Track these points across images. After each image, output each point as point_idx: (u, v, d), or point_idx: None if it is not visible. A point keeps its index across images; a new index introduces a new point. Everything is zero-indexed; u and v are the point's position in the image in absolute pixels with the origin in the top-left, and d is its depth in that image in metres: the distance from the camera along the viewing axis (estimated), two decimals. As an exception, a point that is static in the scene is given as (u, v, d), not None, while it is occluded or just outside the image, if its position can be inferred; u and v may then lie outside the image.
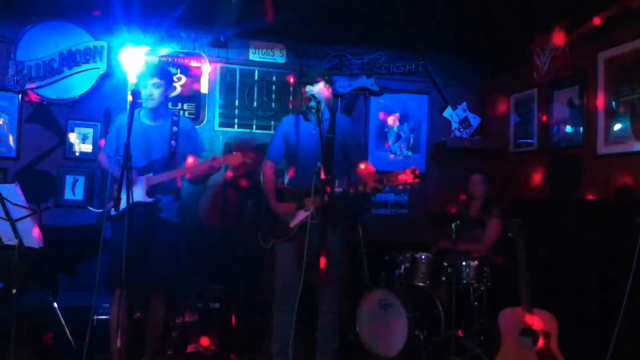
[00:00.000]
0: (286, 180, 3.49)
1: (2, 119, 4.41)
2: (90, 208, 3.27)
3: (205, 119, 4.81)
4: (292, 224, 3.26)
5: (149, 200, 3.20)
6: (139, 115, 3.38)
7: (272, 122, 4.90)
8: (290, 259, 3.28)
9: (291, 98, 4.99)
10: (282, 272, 3.35)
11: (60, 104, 4.49)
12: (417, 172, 2.89)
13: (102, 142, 3.82)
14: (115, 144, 3.38)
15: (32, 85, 4.39)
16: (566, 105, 4.32)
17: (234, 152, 3.23)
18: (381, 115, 5.19)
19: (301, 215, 3.22)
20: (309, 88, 3.28)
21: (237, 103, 4.90)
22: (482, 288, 3.74)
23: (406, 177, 2.87)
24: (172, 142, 3.31)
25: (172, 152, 3.31)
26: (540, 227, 3.86)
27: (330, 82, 3.41)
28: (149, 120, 3.39)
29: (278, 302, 3.35)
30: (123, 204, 2.98)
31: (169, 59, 4.73)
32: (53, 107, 4.50)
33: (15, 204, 2.87)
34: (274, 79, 4.99)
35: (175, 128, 3.35)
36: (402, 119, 5.25)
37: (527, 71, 4.60)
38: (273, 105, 4.97)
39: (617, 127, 3.81)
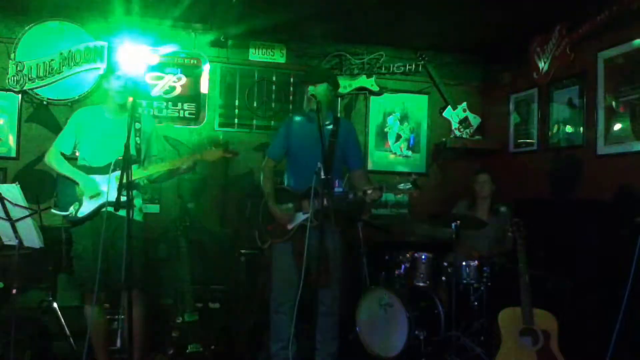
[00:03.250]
0: (286, 180, 3.49)
1: (2, 119, 4.41)
2: (53, 210, 3.18)
3: (205, 119, 4.81)
4: (289, 226, 3.25)
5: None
6: (102, 111, 3.25)
7: (272, 122, 4.90)
8: (287, 260, 3.27)
9: (291, 98, 4.99)
10: (279, 273, 3.34)
11: (60, 104, 4.49)
12: (417, 182, 2.88)
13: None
14: (73, 142, 3.22)
15: (32, 85, 4.39)
16: (566, 105, 4.33)
17: (213, 149, 3.12)
18: (381, 116, 5.20)
19: (299, 217, 3.22)
20: (311, 89, 3.28)
21: (237, 103, 4.90)
22: (482, 288, 3.74)
23: (406, 187, 2.88)
24: (137, 139, 3.18)
25: (137, 150, 3.18)
26: (540, 227, 3.86)
27: (334, 84, 3.39)
28: (112, 116, 3.21)
29: (276, 303, 3.34)
30: (89, 207, 3.04)
31: (169, 59, 4.73)
32: (53, 107, 4.50)
33: (15, 204, 2.87)
34: (274, 79, 4.99)
35: (138, 124, 3.20)
36: (402, 119, 5.25)
37: (527, 71, 4.60)
38: (273, 105, 4.97)
39: (617, 127, 3.81)
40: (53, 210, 3.17)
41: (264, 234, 3.38)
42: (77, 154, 3.27)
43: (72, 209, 3.11)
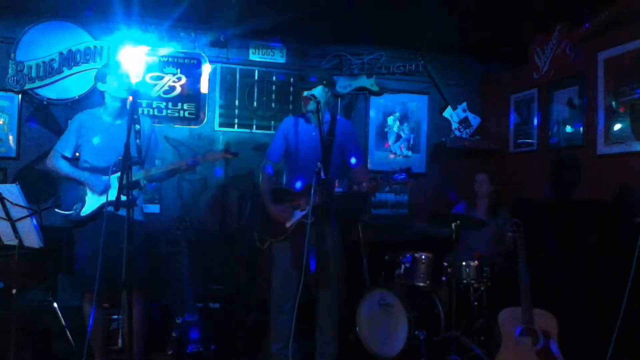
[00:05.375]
0: (284, 180, 3.49)
1: (2, 119, 4.41)
2: (57, 210, 3.22)
3: (205, 119, 4.81)
4: (287, 224, 3.25)
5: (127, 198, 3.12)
6: (100, 114, 3.33)
7: (272, 122, 4.90)
8: (286, 259, 3.28)
9: (291, 98, 4.99)
10: (279, 272, 3.35)
11: (60, 104, 4.49)
12: (410, 171, 2.91)
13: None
14: (75, 145, 3.29)
15: (32, 85, 4.39)
16: (566, 105, 4.32)
17: (215, 151, 3.19)
18: (381, 116, 5.20)
19: (297, 215, 3.22)
20: (306, 93, 3.29)
21: (237, 103, 4.90)
22: (482, 288, 3.74)
23: (400, 177, 2.90)
24: (137, 140, 3.23)
25: (138, 151, 3.23)
26: (540, 227, 3.86)
27: (330, 84, 3.40)
28: (111, 118, 3.32)
29: (276, 303, 3.34)
30: (92, 206, 3.11)
31: (169, 59, 4.73)
32: (53, 107, 4.50)
33: (15, 204, 2.87)
34: (274, 79, 4.99)
35: (137, 126, 3.26)
36: (402, 119, 5.25)
37: (527, 71, 4.60)
38: (273, 105, 4.96)
39: (617, 127, 3.81)
40: (56, 210, 3.20)
41: (262, 235, 3.39)
42: (77, 154, 3.31)
43: (74, 209, 3.14)
